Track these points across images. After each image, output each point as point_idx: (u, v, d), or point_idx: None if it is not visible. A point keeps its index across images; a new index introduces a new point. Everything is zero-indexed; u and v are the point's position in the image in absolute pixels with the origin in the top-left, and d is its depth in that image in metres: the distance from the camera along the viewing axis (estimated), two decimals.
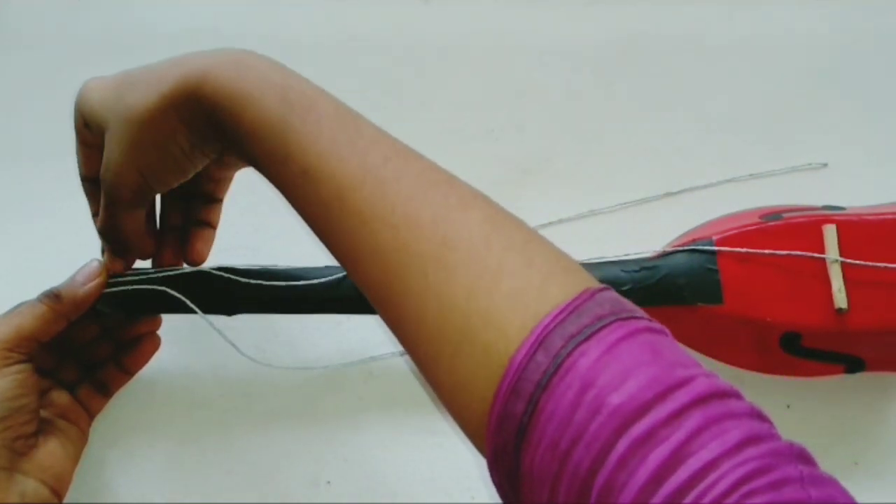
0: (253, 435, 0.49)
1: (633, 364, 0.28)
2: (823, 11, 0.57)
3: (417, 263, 0.32)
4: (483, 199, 0.35)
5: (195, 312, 0.43)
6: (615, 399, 0.27)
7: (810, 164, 0.53)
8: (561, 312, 0.30)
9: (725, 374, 0.48)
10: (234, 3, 0.58)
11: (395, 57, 0.57)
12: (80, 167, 0.44)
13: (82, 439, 0.44)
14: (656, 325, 0.31)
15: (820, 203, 0.48)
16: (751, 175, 0.53)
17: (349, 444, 0.49)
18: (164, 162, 0.39)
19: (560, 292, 0.31)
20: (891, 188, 0.50)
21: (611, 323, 0.30)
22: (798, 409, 0.49)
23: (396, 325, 0.34)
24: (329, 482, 0.48)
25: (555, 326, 0.30)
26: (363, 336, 0.50)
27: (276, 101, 0.35)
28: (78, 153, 0.43)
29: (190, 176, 0.41)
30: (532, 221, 0.53)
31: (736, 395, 0.29)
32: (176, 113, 0.37)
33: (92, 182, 0.43)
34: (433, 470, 0.48)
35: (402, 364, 0.50)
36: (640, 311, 0.32)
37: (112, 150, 0.39)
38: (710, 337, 0.46)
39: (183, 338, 0.50)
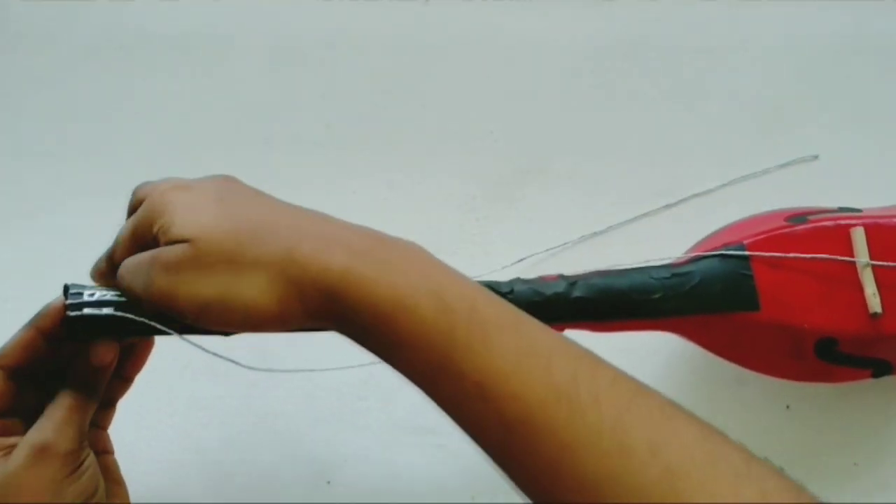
0: (253, 435, 0.49)
1: None
2: (825, 12, 0.57)
3: (643, 494, 0.29)
4: (680, 409, 0.32)
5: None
6: None
7: (802, 158, 0.53)
8: None
9: (726, 376, 0.49)
10: (234, 4, 0.58)
11: (394, 57, 0.57)
12: (114, 253, 0.38)
13: (117, 467, 0.42)
14: None
15: (822, 202, 0.47)
16: (744, 177, 0.53)
17: (349, 444, 0.49)
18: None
19: None
20: (881, 178, 0.51)
21: None
22: (797, 409, 0.49)
23: None
24: (329, 482, 0.48)
25: None
26: None
27: (432, 310, 0.32)
28: (123, 241, 0.38)
29: None
30: (533, 221, 0.53)
31: None
32: (302, 308, 0.33)
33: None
34: (433, 470, 0.48)
35: None
36: None
37: (198, 298, 0.34)
38: (742, 346, 0.44)
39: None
